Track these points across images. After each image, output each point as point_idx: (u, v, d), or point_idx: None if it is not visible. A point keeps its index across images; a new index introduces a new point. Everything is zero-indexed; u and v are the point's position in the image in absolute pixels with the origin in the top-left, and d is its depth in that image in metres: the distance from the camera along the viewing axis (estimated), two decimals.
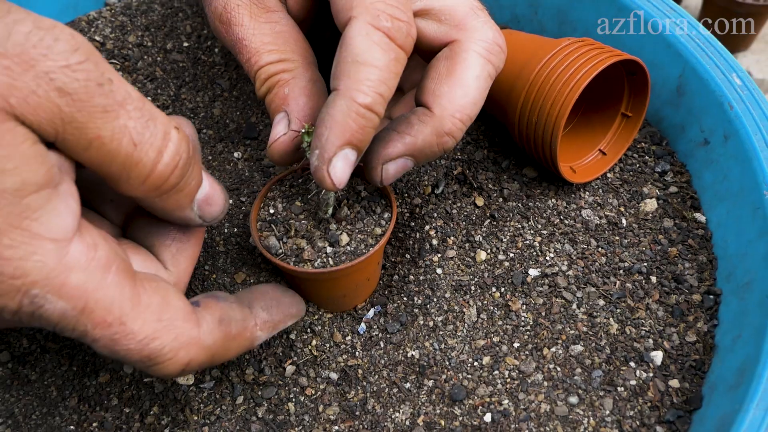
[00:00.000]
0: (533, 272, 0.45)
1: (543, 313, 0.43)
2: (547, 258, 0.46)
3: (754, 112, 0.45)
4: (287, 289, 0.37)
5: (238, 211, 0.48)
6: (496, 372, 0.41)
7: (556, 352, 0.41)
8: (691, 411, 0.38)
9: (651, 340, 0.42)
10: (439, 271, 0.45)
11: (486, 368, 0.41)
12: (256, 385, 0.41)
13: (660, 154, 0.52)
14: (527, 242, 0.47)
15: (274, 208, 0.40)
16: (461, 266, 0.46)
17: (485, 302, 0.44)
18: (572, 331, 0.42)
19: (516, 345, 0.42)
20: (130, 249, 0.32)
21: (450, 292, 0.44)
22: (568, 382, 0.40)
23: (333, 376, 0.41)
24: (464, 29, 0.37)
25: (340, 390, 0.40)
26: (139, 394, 0.41)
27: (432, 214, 0.48)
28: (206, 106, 0.57)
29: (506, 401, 0.39)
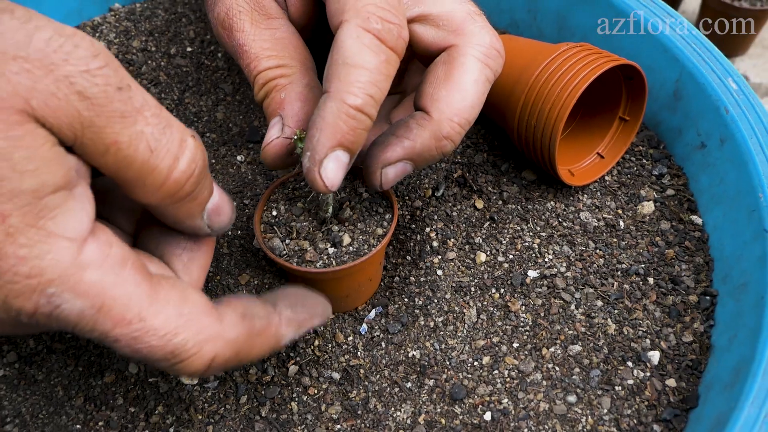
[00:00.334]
0: (532, 273, 0.46)
1: (542, 314, 0.44)
2: (546, 259, 0.46)
3: (750, 116, 0.46)
4: (311, 291, 0.36)
5: (241, 214, 0.49)
6: (496, 371, 0.41)
7: (554, 352, 0.42)
8: (687, 410, 0.39)
9: (648, 340, 0.42)
10: (440, 272, 0.46)
11: (486, 368, 0.41)
12: (260, 385, 0.41)
13: (657, 158, 0.52)
14: (526, 244, 0.47)
15: (277, 211, 0.41)
16: (461, 268, 0.46)
17: (485, 303, 0.44)
18: (571, 332, 0.43)
19: (515, 345, 0.42)
20: (143, 256, 0.32)
21: (450, 293, 0.45)
22: (567, 381, 0.41)
23: (335, 376, 0.42)
24: (462, 34, 0.38)
25: (342, 389, 0.41)
26: (144, 394, 0.41)
27: (432, 216, 0.49)
28: (209, 110, 0.57)
29: (506, 400, 0.40)
